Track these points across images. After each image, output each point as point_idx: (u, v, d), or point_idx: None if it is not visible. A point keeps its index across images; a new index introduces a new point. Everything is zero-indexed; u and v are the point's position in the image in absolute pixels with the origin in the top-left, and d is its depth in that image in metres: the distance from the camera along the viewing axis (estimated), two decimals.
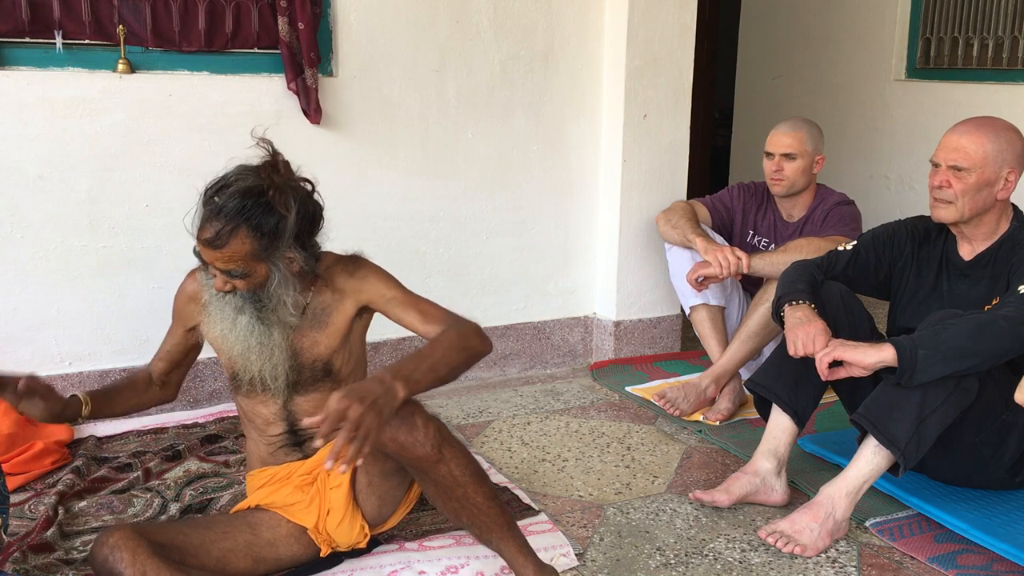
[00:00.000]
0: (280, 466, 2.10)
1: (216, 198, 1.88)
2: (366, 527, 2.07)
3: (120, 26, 2.77)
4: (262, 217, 1.88)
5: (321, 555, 2.05)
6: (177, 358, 2.24)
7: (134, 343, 2.96)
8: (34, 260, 2.80)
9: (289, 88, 2.94)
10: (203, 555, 1.85)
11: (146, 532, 1.78)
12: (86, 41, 2.78)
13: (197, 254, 1.94)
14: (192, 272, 2.15)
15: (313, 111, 2.95)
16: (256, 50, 2.97)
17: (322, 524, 2.03)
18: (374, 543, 2.14)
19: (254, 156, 2.20)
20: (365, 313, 2.12)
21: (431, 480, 1.87)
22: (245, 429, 2.17)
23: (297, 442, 2.10)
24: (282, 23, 2.89)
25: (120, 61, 2.79)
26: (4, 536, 1.87)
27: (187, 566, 1.79)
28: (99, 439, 2.76)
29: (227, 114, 2.93)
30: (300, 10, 2.88)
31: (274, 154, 1.96)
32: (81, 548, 2.14)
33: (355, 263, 2.11)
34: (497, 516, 1.91)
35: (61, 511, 2.28)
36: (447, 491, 1.87)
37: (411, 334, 3.30)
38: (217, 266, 1.91)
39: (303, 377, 2.05)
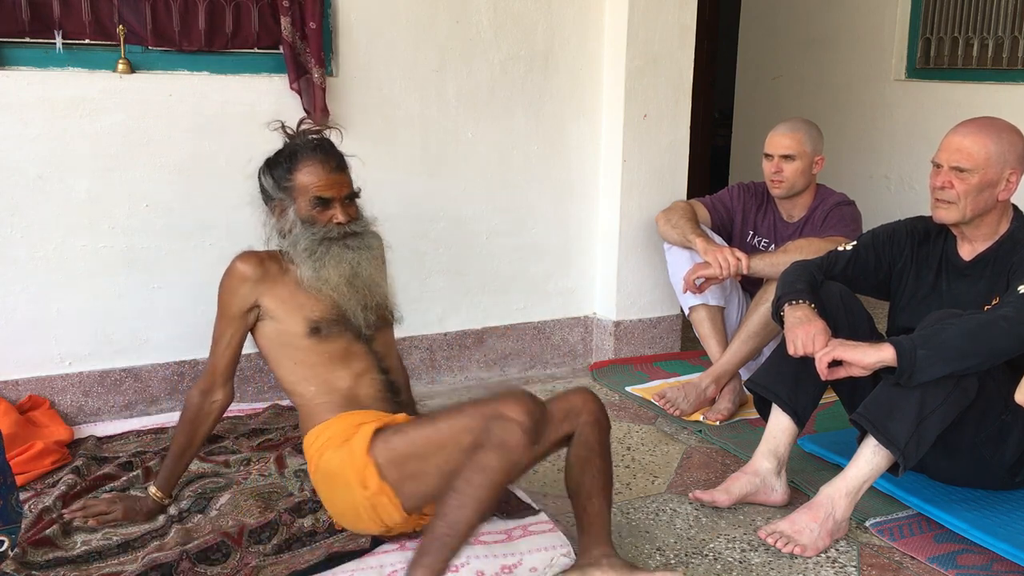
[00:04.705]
0: (367, 411, 2.13)
1: (308, 143, 2.16)
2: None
3: (120, 26, 2.77)
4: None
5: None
6: (240, 348, 2.25)
7: (134, 343, 2.96)
8: (34, 260, 2.80)
9: (292, 88, 2.93)
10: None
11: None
12: (86, 41, 2.78)
13: (319, 200, 2.12)
14: (241, 256, 2.19)
15: (319, 111, 2.94)
16: (256, 50, 2.96)
17: None
18: (376, 542, 2.14)
19: (255, 156, 2.24)
20: None
21: (585, 443, 2.12)
22: (318, 381, 2.15)
23: (394, 389, 2.21)
24: (284, 23, 2.88)
25: (120, 61, 2.79)
26: (10, 553, 1.86)
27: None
28: (99, 439, 2.76)
29: (227, 114, 2.93)
30: (310, 9, 2.89)
31: (299, 122, 2.27)
32: (81, 546, 2.14)
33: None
34: (610, 486, 2.12)
35: (61, 507, 2.28)
36: (592, 450, 2.11)
37: (412, 332, 3.32)
38: (344, 191, 2.16)
39: (379, 314, 2.24)
